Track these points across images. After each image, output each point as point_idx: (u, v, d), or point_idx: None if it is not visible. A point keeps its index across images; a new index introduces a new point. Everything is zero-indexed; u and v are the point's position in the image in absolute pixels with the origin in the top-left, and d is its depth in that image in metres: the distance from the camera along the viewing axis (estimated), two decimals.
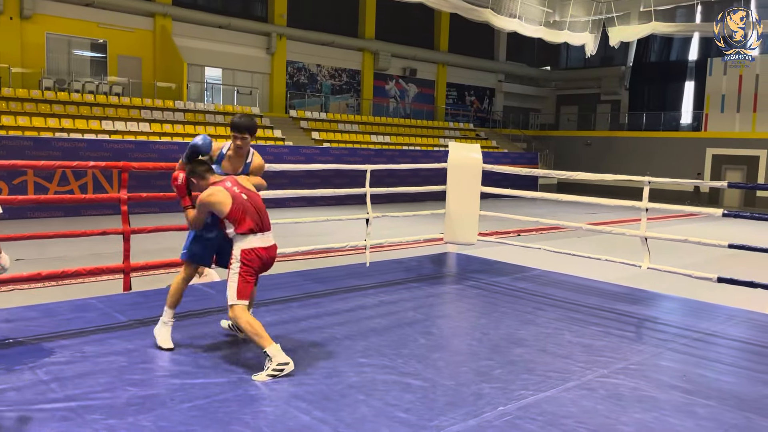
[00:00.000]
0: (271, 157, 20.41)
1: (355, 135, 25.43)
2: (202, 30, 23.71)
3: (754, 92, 27.72)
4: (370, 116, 27.97)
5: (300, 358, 3.87)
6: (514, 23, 23.47)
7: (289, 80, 26.46)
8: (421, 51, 30.49)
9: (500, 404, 3.27)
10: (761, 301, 6.28)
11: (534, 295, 5.79)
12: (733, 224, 18.36)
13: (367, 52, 28.55)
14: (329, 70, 27.90)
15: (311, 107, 26.79)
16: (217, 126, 21.39)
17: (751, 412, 3.28)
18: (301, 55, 26.67)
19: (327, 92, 27.85)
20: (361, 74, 28.83)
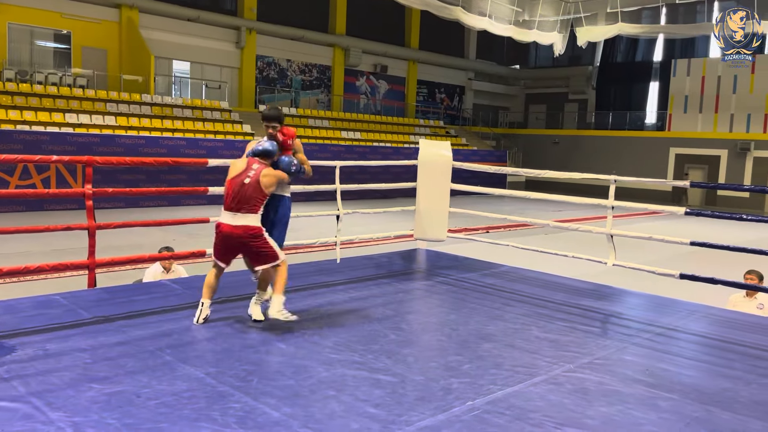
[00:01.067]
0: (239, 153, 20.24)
1: (326, 131, 25.34)
2: (170, 22, 23.34)
3: (715, 93, 28.43)
4: (340, 112, 27.90)
5: (269, 354, 3.86)
6: (484, 21, 23.65)
7: (258, 75, 26.23)
8: (392, 48, 30.51)
9: (469, 399, 3.31)
10: (721, 297, 6.47)
11: (502, 291, 5.86)
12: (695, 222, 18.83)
13: (338, 48, 28.46)
14: (299, 65, 27.74)
15: (281, 102, 26.59)
16: (185, 120, 21.09)
17: (711, 405, 3.38)
18: (271, 49, 26.45)
19: (297, 87, 27.69)
20: (331, 70, 28.73)
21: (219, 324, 4.42)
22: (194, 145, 19.41)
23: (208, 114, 22.11)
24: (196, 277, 6.14)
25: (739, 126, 27.79)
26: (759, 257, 5.68)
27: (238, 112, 23.52)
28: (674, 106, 29.73)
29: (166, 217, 10.86)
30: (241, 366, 3.63)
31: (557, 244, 9.33)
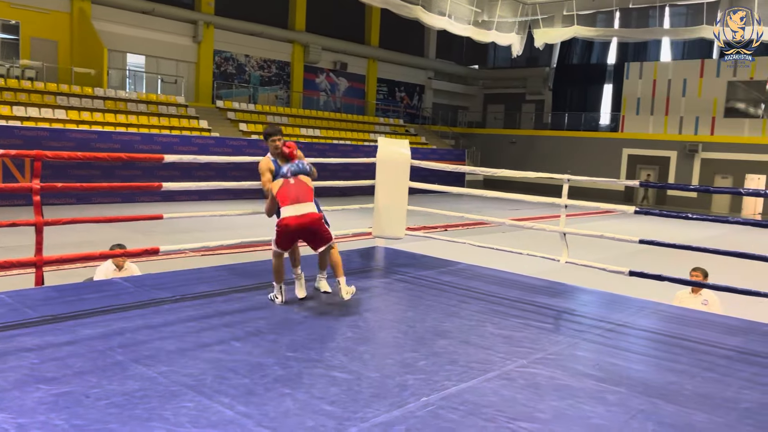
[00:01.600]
0: (196, 149, 19.90)
1: (285, 128, 25.15)
2: (124, 15, 22.80)
3: (666, 96, 29.32)
4: (300, 109, 27.74)
5: (224, 353, 3.82)
6: (444, 21, 23.83)
7: (216, 70, 25.85)
8: (352, 45, 30.48)
9: (423, 395, 3.34)
10: (669, 293, 6.68)
11: (459, 289, 5.93)
12: (645, 221, 19.39)
13: (298, 44, 28.28)
14: (258, 60, 27.46)
15: (239, 98, 26.28)
16: (139, 115, 20.65)
17: (657, 398, 3.49)
18: (228, 44, 26.11)
19: (256, 83, 27.40)
20: (291, 66, 28.53)
21: (173, 323, 4.35)
22: (149, 141, 19.01)
23: (164, 109, 21.69)
24: (150, 275, 6.03)
25: (687, 128, 28.72)
26: (704, 255, 5.89)
27: (195, 108, 23.15)
28: (627, 108, 30.53)
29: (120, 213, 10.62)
30: (195, 365, 3.59)
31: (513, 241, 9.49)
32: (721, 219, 5.99)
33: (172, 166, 17.47)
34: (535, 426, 3.05)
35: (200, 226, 13.14)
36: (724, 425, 3.19)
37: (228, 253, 9.86)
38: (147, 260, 8.70)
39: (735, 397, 3.58)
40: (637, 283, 6.26)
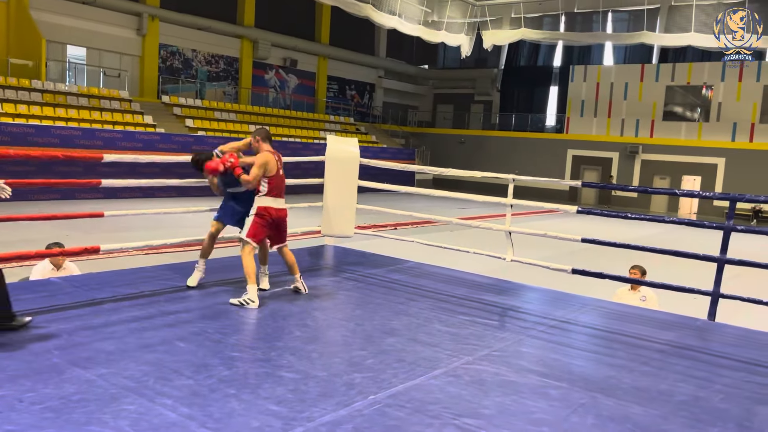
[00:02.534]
0: (140, 145, 19.40)
1: (233, 124, 24.77)
2: (64, 5, 22.00)
3: (609, 99, 30.23)
4: (248, 105, 27.35)
5: (167, 353, 3.73)
6: (394, 20, 23.93)
7: (161, 64, 25.23)
8: (302, 42, 30.25)
9: (371, 393, 3.35)
10: (609, 290, 6.90)
11: (407, 287, 5.96)
12: (588, 220, 19.96)
13: (246, 40, 27.88)
14: (206, 55, 26.94)
15: (185, 93, 25.71)
16: (80, 109, 19.96)
17: (596, 392, 3.60)
18: (175, 38, 25.51)
19: (203, 79, 26.87)
20: (239, 62, 28.10)
21: (114, 324, 4.23)
22: (90, 136, 18.41)
23: (106, 103, 21.03)
24: (90, 274, 5.84)
25: (629, 130, 29.70)
26: (643, 253, 6.11)
27: (140, 102, 22.54)
28: (572, 110, 31.34)
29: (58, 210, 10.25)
30: (136, 366, 3.49)
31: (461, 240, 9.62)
32: (658, 218, 6.22)
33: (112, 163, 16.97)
34: (479, 422, 3.10)
35: (144, 224, 12.81)
36: (659, 417, 3.31)
37: (173, 251, 9.65)
38: (87, 259, 8.43)
39: (670, 390, 3.73)
40: (580, 280, 6.44)
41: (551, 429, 3.07)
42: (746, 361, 4.37)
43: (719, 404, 3.55)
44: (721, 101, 27.51)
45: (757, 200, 5.36)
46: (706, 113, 28.14)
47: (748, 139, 26.75)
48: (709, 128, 27.72)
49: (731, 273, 9.17)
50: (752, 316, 6.58)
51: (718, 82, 27.55)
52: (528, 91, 35.53)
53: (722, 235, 5.37)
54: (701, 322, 5.42)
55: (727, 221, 5.31)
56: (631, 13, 29.42)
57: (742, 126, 26.92)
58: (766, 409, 3.53)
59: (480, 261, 7.11)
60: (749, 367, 4.26)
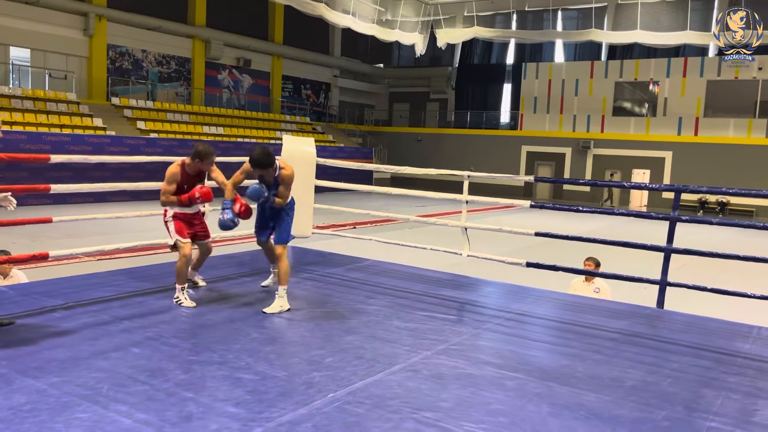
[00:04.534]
0: (90, 148, 18.88)
1: (186, 126, 24.35)
2: (5, 5, 21.25)
3: (560, 95, 30.84)
4: (201, 106, 26.92)
5: (121, 360, 3.66)
6: (348, 19, 23.90)
7: (110, 65, 24.61)
8: (255, 41, 29.93)
9: (330, 391, 3.35)
10: (565, 282, 7.06)
11: (366, 285, 5.98)
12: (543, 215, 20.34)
13: (198, 40, 27.44)
14: (156, 56, 26.39)
15: (136, 95, 25.13)
16: (25, 112, 19.32)
17: (551, 381, 3.69)
18: (124, 38, 24.91)
19: (154, 80, 26.32)
20: (191, 62, 27.64)
21: (65, 332, 4.12)
22: (36, 140, 17.84)
23: (53, 106, 20.41)
24: (39, 282, 5.68)
25: (580, 126, 30.36)
26: (595, 245, 6.27)
27: (88, 105, 21.94)
28: (525, 107, 31.86)
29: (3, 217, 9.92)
30: (89, 374, 3.42)
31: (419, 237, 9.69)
32: (608, 211, 6.39)
33: (63, 166, 16.47)
34: (438, 415, 3.14)
35: (96, 229, 12.49)
36: (611, 403, 3.41)
37: (127, 256, 9.44)
38: (36, 267, 8.18)
39: (621, 376, 3.84)
40: (536, 273, 6.58)
41: (508, 419, 3.14)
42: (692, 346, 4.54)
43: (668, 388, 3.68)
44: (667, 96, 28.38)
45: (700, 191, 5.57)
46: (653, 108, 29.00)
47: (693, 132, 27.67)
48: (657, 123, 28.57)
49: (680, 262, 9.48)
50: (698, 303, 6.82)
51: (664, 77, 28.42)
52: (482, 88, 35.96)
53: (668, 226, 5.56)
54: (650, 310, 5.60)
55: (673, 212, 5.50)
56: (580, 11, 30.09)
57: (687, 120, 27.83)
58: (711, 391, 3.68)
59: (438, 257, 7.19)
60: (695, 351, 4.43)
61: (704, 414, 3.32)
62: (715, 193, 5.59)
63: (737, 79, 26.84)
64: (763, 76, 26.29)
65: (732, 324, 5.23)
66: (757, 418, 3.32)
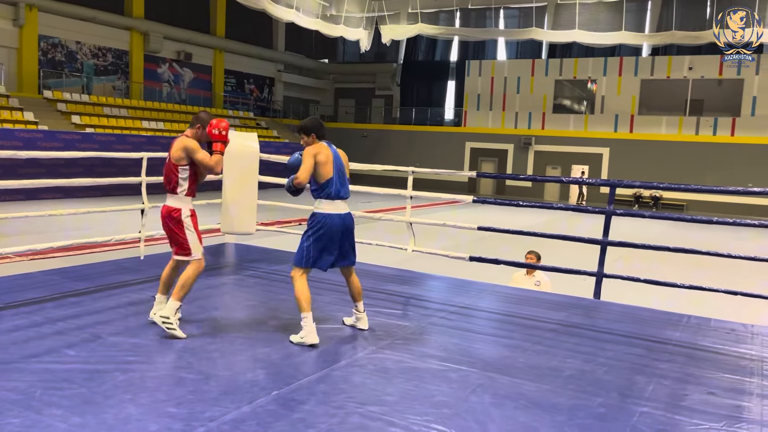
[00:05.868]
0: (20, 143, 18.07)
1: (124, 120, 23.60)
2: None
3: (503, 93, 31.40)
4: (141, 101, 26.14)
5: (56, 362, 3.53)
6: (291, 14, 23.64)
7: (42, 57, 23.59)
8: (196, 35, 29.25)
9: (275, 389, 3.33)
10: (506, 276, 7.21)
11: (311, 282, 5.89)
12: (487, 210, 20.70)
13: (136, 32, 26.60)
14: (92, 48, 25.45)
15: (70, 88, 24.17)
16: None
17: (493, 372, 3.77)
18: (56, 29, 23.90)
19: (89, 73, 25.38)
20: (129, 55, 26.77)
21: None
22: None
23: None
24: None
25: (522, 123, 31.01)
26: (536, 239, 6.43)
27: (18, 98, 20.98)
28: (469, 104, 32.30)
29: None
30: (21, 378, 3.29)
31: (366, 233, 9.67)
32: (547, 205, 6.57)
33: None
34: (383, 408, 3.17)
35: (28, 228, 11.98)
36: (549, 391, 3.52)
37: (61, 255, 9.10)
38: None
39: (559, 365, 3.96)
40: (480, 267, 6.70)
41: (451, 410, 3.19)
42: (627, 335, 4.72)
43: (603, 376, 3.81)
44: (604, 95, 29.31)
45: (633, 185, 5.78)
46: (591, 106, 29.88)
47: (629, 129, 28.67)
48: (595, 120, 29.46)
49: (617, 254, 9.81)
50: (634, 293, 7.09)
51: (601, 76, 29.32)
52: (427, 85, 36.23)
53: (604, 219, 5.75)
54: (588, 301, 5.79)
55: (608, 206, 5.70)
56: (521, 10, 30.70)
57: (623, 118, 28.80)
58: (643, 378, 3.83)
59: (383, 253, 7.22)
60: (629, 340, 4.61)
61: (637, 400, 3.47)
62: (649, 188, 5.82)
63: (669, 79, 27.97)
64: (693, 75, 27.49)
65: (664, 313, 5.46)
66: (686, 402, 3.49)
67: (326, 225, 4.24)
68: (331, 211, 4.28)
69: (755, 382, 3.86)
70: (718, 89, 27.44)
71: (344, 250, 4.34)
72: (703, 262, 11.66)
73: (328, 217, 4.26)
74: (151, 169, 6.82)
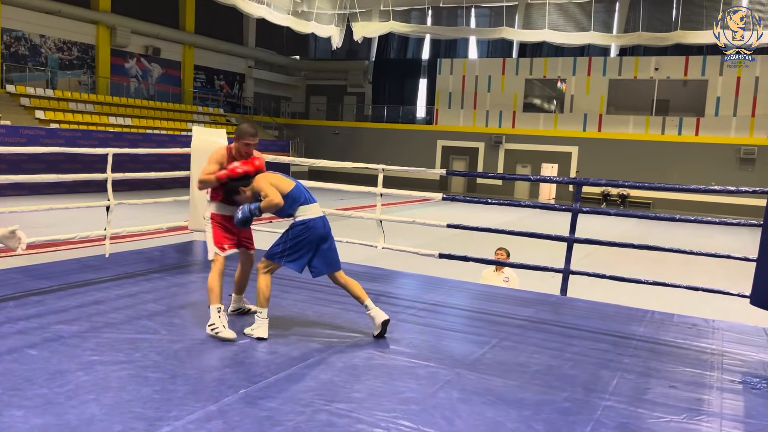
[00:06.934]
0: None
1: (90, 116, 23.16)
2: None
3: (474, 91, 31.62)
4: (107, 96, 25.67)
5: (16, 362, 3.46)
6: (262, 9, 23.45)
7: (5, 50, 23.02)
8: (165, 30, 28.83)
9: (242, 387, 3.31)
10: (476, 273, 7.27)
11: (281, 279, 5.91)
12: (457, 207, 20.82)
13: (102, 26, 26.12)
14: (56, 42, 24.90)
15: (34, 83, 23.62)
16: None
17: (461, 368, 3.80)
18: (19, 22, 23.34)
19: (54, 67, 24.83)
20: (95, 49, 26.27)
21: None
22: None
23: None
24: None
25: (493, 121, 31.26)
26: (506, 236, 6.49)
27: None
28: (440, 102, 32.45)
29: None
30: None
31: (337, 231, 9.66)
32: (515, 203, 6.64)
33: None
34: (351, 405, 3.17)
35: None
36: (516, 387, 3.56)
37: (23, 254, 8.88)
38: None
39: (527, 361, 4.01)
40: (449, 264, 6.73)
41: (419, 406, 3.21)
42: (592, 331, 4.80)
43: (569, 371, 3.87)
44: (573, 94, 29.71)
45: (600, 183, 5.88)
46: (561, 105, 30.27)
47: (597, 129, 29.12)
48: (564, 119, 29.85)
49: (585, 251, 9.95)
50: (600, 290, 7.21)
51: (570, 75, 29.72)
52: (399, 83, 36.29)
53: (571, 217, 5.84)
54: (555, 297, 5.87)
55: (574, 203, 5.78)
56: (492, 9, 30.92)
57: (591, 117, 29.24)
58: (608, 372, 3.90)
59: (354, 250, 7.22)
60: (595, 335, 4.69)
61: (601, 394, 3.53)
62: (615, 186, 5.93)
63: (636, 79, 28.47)
64: (659, 76, 28.03)
65: (628, 309, 5.57)
66: (649, 395, 3.56)
67: (311, 228, 4.23)
68: (310, 216, 4.26)
69: (715, 375, 3.96)
70: (683, 90, 28.04)
71: (327, 254, 4.34)
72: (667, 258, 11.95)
73: (312, 221, 4.24)
74: (117, 165, 6.71)
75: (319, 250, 4.31)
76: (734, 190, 5.44)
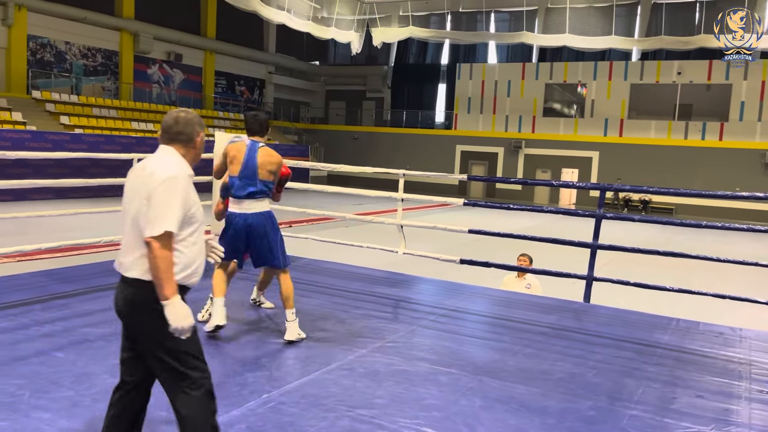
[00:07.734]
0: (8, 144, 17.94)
1: (113, 121, 23.47)
2: None
3: (493, 96, 31.50)
4: (130, 101, 26.00)
5: (43, 365, 3.50)
6: (283, 15, 23.62)
7: (31, 57, 23.42)
8: (187, 36, 29.15)
9: (264, 392, 3.32)
10: (497, 279, 7.22)
11: (301, 283, 5.93)
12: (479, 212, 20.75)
13: (126, 33, 26.48)
14: (81, 48, 25.30)
15: (59, 89, 24.00)
16: None
17: (483, 375, 3.77)
18: (45, 29, 23.75)
19: (79, 73, 25.22)
20: (119, 56, 26.64)
21: None
22: None
23: None
24: None
25: (512, 126, 31.11)
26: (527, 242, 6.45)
27: (6, 98, 20.82)
28: (459, 107, 32.38)
29: None
30: (9, 381, 3.26)
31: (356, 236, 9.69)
32: (537, 209, 6.59)
33: None
34: (373, 411, 3.16)
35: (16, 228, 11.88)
36: (539, 395, 3.53)
37: (49, 257, 9.03)
38: None
39: (549, 369, 3.98)
40: (470, 270, 6.70)
41: (441, 413, 3.19)
42: (616, 338, 4.75)
43: (592, 379, 3.83)
44: (594, 98, 29.47)
45: (624, 189, 5.82)
46: (581, 109, 30.04)
47: (618, 133, 28.84)
48: (584, 123, 29.62)
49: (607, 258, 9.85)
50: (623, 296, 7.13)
51: (591, 80, 29.49)
52: (417, 88, 36.28)
53: (594, 223, 5.78)
54: (578, 304, 5.81)
55: (598, 209, 5.73)
56: (512, 13, 30.82)
57: (612, 121, 28.97)
58: (633, 381, 3.85)
59: (374, 255, 7.23)
60: (618, 343, 4.63)
61: (626, 403, 3.48)
62: (638, 192, 5.86)
63: (658, 83, 28.15)
64: (682, 80, 27.69)
65: (652, 316, 5.49)
66: (676, 405, 3.51)
67: (230, 224, 4.33)
68: (234, 210, 4.33)
69: (743, 385, 3.89)
70: (706, 94, 27.66)
71: (259, 250, 4.34)
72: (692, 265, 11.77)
73: (230, 215, 4.35)
74: None
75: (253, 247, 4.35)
76: (763, 197, 5.35)
